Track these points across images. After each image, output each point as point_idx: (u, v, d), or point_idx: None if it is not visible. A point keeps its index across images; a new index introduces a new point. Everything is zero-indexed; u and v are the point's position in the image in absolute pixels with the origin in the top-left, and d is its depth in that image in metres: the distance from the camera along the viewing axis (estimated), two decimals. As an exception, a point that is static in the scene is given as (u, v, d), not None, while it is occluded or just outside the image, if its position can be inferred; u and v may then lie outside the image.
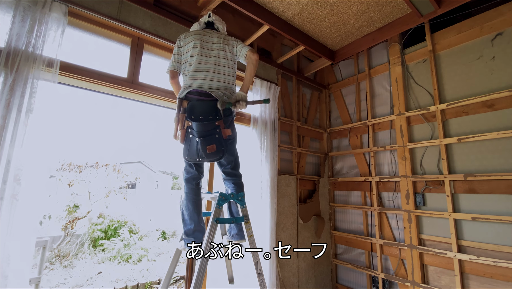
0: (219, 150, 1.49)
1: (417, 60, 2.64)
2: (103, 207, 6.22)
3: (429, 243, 2.35)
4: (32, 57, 1.46)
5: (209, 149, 1.46)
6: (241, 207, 1.57)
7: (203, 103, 1.52)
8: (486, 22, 2.20)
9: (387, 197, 2.74)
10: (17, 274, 1.34)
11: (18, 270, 1.35)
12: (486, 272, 2.00)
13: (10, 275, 1.31)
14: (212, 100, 1.54)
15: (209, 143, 1.47)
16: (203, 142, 1.47)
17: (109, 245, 5.08)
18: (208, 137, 1.48)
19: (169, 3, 2.21)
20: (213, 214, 1.45)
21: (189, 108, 1.50)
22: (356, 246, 2.93)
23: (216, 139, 1.50)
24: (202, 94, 1.55)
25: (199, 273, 1.32)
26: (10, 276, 1.31)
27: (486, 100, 2.14)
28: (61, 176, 6.08)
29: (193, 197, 1.63)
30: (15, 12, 1.46)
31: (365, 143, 3.04)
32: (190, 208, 1.61)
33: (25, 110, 1.42)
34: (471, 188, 2.16)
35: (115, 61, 1.94)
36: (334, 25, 2.57)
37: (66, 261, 4.55)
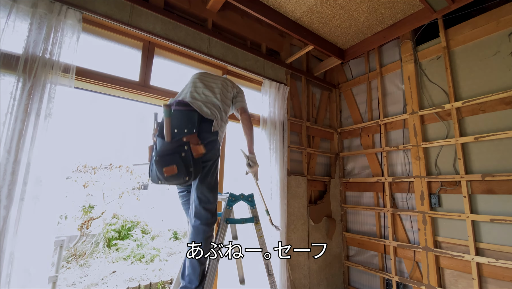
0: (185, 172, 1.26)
1: (431, 57, 2.57)
2: (116, 208, 6.36)
3: (445, 246, 2.29)
4: (49, 63, 1.51)
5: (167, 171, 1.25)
6: (250, 208, 1.57)
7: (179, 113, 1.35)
8: (503, 16, 2.12)
9: (401, 197, 2.68)
10: (38, 272, 1.40)
11: (39, 268, 1.40)
12: (506, 276, 1.92)
13: (33, 272, 1.36)
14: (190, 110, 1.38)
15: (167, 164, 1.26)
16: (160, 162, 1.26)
17: (122, 245, 5.19)
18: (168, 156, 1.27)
19: (179, 7, 2.25)
20: (223, 214, 1.45)
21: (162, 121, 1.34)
22: (368, 248, 2.88)
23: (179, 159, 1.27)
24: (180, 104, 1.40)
25: (210, 274, 1.33)
26: (33, 273, 1.36)
27: (504, 97, 2.06)
28: (77, 177, 6.27)
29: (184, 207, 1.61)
30: (32, 20, 1.51)
31: (377, 143, 2.98)
32: None
33: (43, 114, 1.47)
34: (489, 189, 2.08)
35: (127, 65, 1.99)
36: (343, 23, 2.54)
37: (82, 260, 4.68)
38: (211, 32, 2.38)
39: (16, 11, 1.49)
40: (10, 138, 1.36)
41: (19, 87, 1.42)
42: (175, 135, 1.31)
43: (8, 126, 1.37)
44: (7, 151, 1.34)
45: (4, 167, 1.32)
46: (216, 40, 2.42)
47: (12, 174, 1.34)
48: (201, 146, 1.32)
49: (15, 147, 1.36)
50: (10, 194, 1.32)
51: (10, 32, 1.47)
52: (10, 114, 1.38)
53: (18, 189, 1.36)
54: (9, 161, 1.34)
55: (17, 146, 1.37)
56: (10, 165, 1.34)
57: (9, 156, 1.34)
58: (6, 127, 1.36)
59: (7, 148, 1.34)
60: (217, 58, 2.38)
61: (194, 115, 1.38)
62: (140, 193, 8.86)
